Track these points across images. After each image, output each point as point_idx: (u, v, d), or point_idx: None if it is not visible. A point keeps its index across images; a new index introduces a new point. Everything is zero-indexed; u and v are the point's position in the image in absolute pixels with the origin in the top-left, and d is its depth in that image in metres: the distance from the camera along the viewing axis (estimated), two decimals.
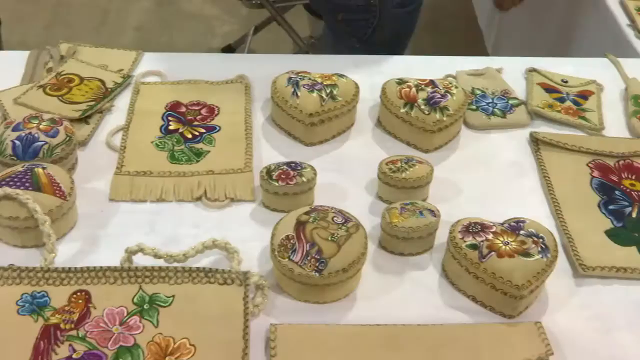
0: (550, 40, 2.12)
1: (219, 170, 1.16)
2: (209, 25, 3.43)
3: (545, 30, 2.17)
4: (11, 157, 1.10)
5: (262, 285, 0.97)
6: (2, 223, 1.02)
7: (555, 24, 2.11)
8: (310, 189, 1.10)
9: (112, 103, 1.31)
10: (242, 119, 1.26)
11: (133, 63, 1.41)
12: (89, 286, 0.96)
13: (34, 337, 0.91)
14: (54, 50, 1.42)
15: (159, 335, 0.91)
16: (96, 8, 3.53)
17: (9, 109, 1.26)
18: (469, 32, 3.00)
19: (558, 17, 2.09)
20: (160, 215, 1.10)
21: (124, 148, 1.20)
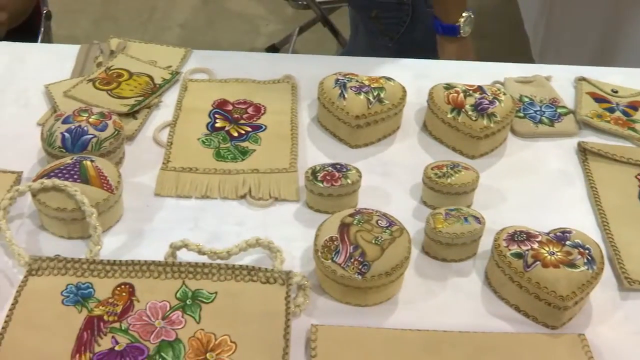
0: (598, 48, 2.10)
1: (263, 169, 1.16)
2: (253, 24, 3.44)
3: (593, 37, 2.14)
4: (60, 149, 1.11)
5: (304, 285, 0.97)
6: (49, 214, 1.04)
7: (603, 31, 2.09)
8: (354, 191, 1.10)
9: (160, 99, 1.32)
10: (288, 118, 1.27)
11: (181, 60, 1.42)
12: (133, 279, 0.97)
13: (78, 328, 0.92)
14: (104, 45, 1.44)
15: (200, 330, 0.92)
16: (144, 4, 3.56)
17: (59, 101, 1.28)
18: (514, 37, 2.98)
19: (606, 25, 2.06)
20: (204, 212, 1.11)
21: (170, 144, 1.21)
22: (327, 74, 1.28)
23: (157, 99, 1.31)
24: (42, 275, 0.98)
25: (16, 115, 1.28)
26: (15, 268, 1.02)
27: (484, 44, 3.11)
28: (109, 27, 3.40)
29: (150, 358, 0.89)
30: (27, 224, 1.08)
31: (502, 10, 3.32)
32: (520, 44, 2.82)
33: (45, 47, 1.52)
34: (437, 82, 1.28)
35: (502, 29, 3.22)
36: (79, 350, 0.90)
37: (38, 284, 0.97)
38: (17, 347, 0.90)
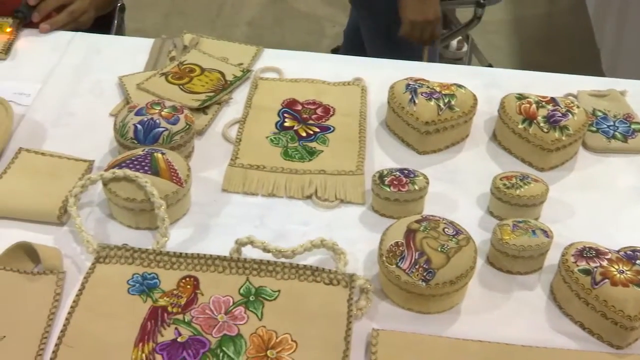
0: None
1: (330, 171, 1.16)
2: (320, 25, 3.45)
3: None
4: (132, 140, 1.13)
5: (367, 289, 0.97)
6: (119, 203, 1.05)
7: None
8: (421, 197, 1.09)
9: (230, 96, 1.33)
10: (356, 121, 1.27)
11: (253, 58, 1.43)
12: (197, 273, 0.98)
13: (142, 317, 0.93)
14: (178, 40, 1.46)
15: (262, 327, 0.93)
16: (213, 1, 3.60)
17: (132, 93, 1.30)
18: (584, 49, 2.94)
19: None
20: (270, 210, 1.12)
21: (239, 141, 1.22)
22: (396, 78, 1.28)
23: (228, 95, 1.32)
24: (110, 263, 1.00)
25: (90, 104, 1.31)
26: (83, 255, 1.04)
27: (553, 55, 3.07)
28: (178, 22, 3.45)
29: (212, 352, 0.90)
30: (96, 212, 1.10)
31: (572, 22, 3.28)
32: (590, 56, 2.78)
33: (120, 39, 1.54)
34: (508, 92, 1.26)
35: (572, 40, 3.18)
36: (142, 339, 0.91)
37: (105, 271, 0.99)
38: (81, 333, 0.92)
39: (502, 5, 2.54)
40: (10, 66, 1.40)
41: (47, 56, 1.43)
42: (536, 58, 3.06)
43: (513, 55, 3.16)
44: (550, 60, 3.01)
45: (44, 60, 1.42)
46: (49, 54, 1.43)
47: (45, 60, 1.42)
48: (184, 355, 0.89)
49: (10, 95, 1.29)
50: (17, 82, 1.35)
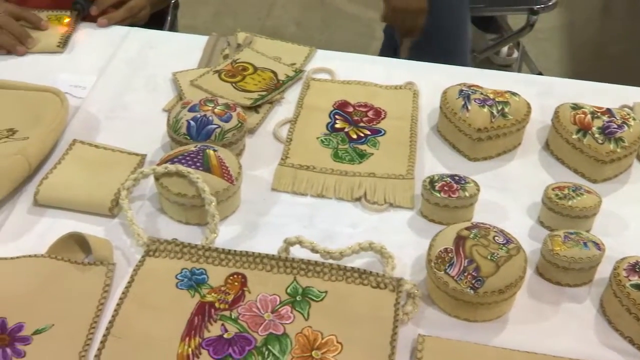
0: None
1: (380, 174, 1.16)
2: (368, 27, 3.45)
3: None
4: (185, 136, 1.14)
5: (414, 294, 0.96)
6: (170, 198, 1.06)
7: None
8: (471, 204, 1.09)
9: (282, 95, 1.33)
10: (407, 125, 1.26)
11: (305, 58, 1.44)
12: (245, 270, 0.99)
13: (189, 312, 0.94)
14: (232, 38, 1.47)
15: (308, 328, 0.93)
16: (263, 0, 3.62)
17: (185, 89, 1.32)
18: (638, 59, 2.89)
19: None
20: (318, 210, 1.12)
21: (290, 140, 1.22)
22: (448, 83, 1.27)
23: (280, 95, 1.33)
24: (159, 257, 1.01)
25: (144, 99, 1.33)
26: (133, 247, 1.05)
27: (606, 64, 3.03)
28: (228, 20, 3.47)
29: (257, 349, 0.90)
30: (147, 206, 1.12)
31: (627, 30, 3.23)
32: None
33: (175, 35, 1.56)
34: (562, 101, 1.25)
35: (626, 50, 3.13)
36: (189, 333, 0.92)
37: (154, 265, 1.00)
38: (129, 324, 0.93)
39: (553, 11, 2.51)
40: (67, 59, 1.43)
41: (103, 50, 1.45)
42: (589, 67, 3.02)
43: (564, 63, 3.12)
44: (603, 69, 2.97)
45: (100, 54, 1.43)
46: (104, 48, 1.45)
47: (101, 54, 1.43)
48: (230, 351, 0.90)
49: (67, 88, 1.31)
50: (73, 75, 1.37)
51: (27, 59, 1.42)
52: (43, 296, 0.96)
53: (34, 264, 1.00)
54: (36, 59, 1.42)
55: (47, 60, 1.42)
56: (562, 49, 3.23)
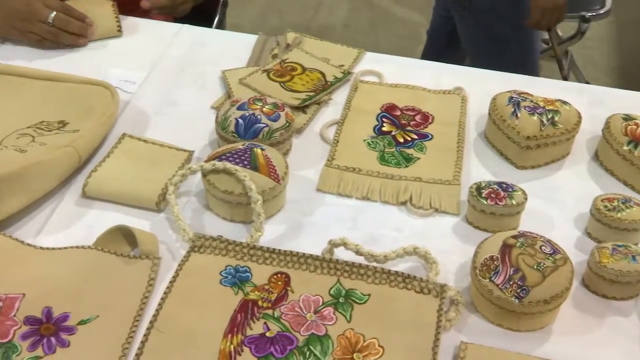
0: None
1: (426, 179, 1.15)
2: (415, 31, 3.44)
3: None
4: (233, 134, 1.15)
5: (457, 300, 0.96)
6: (216, 195, 1.07)
7: None
8: (518, 212, 1.08)
9: (330, 96, 1.34)
10: (455, 130, 1.25)
11: (354, 60, 1.44)
12: (289, 270, 0.99)
13: (233, 309, 0.95)
14: (281, 38, 1.47)
15: (350, 330, 0.92)
16: (310, 1, 3.63)
17: (234, 87, 1.32)
18: None
19: None
20: (363, 213, 1.12)
21: (336, 142, 1.22)
22: (497, 89, 1.26)
23: (328, 96, 1.33)
24: (204, 253, 1.01)
25: (193, 96, 1.34)
26: (178, 242, 1.05)
27: None
28: (274, 20, 3.49)
29: (299, 349, 0.90)
30: (193, 202, 1.12)
31: None
32: None
33: (224, 34, 1.57)
34: (613, 112, 1.23)
35: None
36: (231, 330, 0.92)
37: (199, 261, 1.01)
38: (172, 319, 0.94)
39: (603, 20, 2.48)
40: (118, 53, 1.44)
41: (154, 46, 1.46)
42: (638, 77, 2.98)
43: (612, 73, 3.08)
44: None
45: (151, 49, 1.45)
46: (155, 44, 1.47)
47: (151, 50, 1.45)
48: (272, 350, 0.90)
49: (117, 82, 1.33)
50: (124, 70, 1.38)
51: (78, 54, 1.44)
52: (89, 287, 0.98)
53: (80, 255, 1.02)
54: (87, 54, 1.44)
55: (98, 55, 1.44)
56: (611, 59, 3.19)
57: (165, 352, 0.90)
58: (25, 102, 1.27)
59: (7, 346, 0.90)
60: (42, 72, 1.32)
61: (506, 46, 1.98)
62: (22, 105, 1.26)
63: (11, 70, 1.32)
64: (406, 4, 3.61)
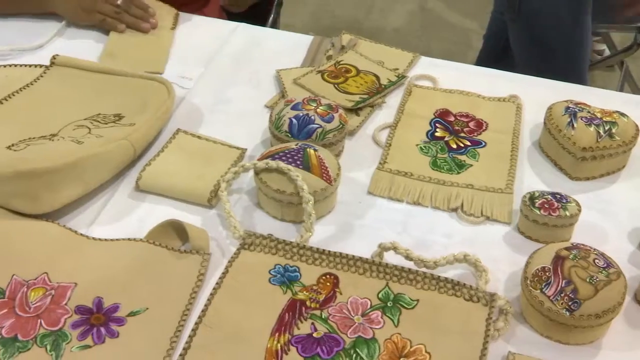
0: None
1: (478, 186, 1.15)
2: (466, 37, 3.42)
3: None
4: (286, 134, 1.15)
5: (506, 310, 0.95)
6: (268, 194, 1.07)
7: None
8: (571, 224, 1.06)
9: (383, 99, 1.33)
10: (509, 139, 1.24)
11: (409, 64, 1.43)
12: (338, 271, 0.99)
13: (281, 308, 0.95)
14: (336, 40, 1.47)
15: (397, 334, 0.92)
16: (362, 3, 3.62)
17: (288, 87, 1.33)
18: None
19: None
20: (414, 218, 1.11)
21: (389, 145, 1.22)
22: (553, 98, 1.25)
23: (381, 99, 1.33)
24: (254, 251, 1.02)
25: (247, 94, 1.35)
26: (228, 239, 1.06)
27: None
28: (326, 21, 3.49)
29: (346, 351, 0.90)
30: (244, 199, 1.13)
31: None
32: None
33: (279, 33, 1.58)
34: None
35: None
36: (279, 329, 0.92)
37: (249, 258, 1.01)
38: (221, 315, 0.94)
39: None
40: (175, 50, 1.46)
41: (210, 43, 1.48)
42: None
43: None
44: None
45: (207, 46, 1.46)
46: (212, 41, 1.48)
47: (208, 47, 1.46)
48: (318, 351, 0.90)
49: (174, 78, 1.35)
50: (181, 66, 1.40)
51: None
52: (139, 280, 0.99)
53: (132, 247, 1.03)
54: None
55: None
56: None
57: (213, 347, 0.91)
58: (82, 94, 1.29)
59: (57, 334, 0.92)
60: (100, 65, 1.34)
61: (554, 53, 1.96)
62: (80, 97, 1.29)
63: (71, 63, 1.34)
64: (459, 9, 3.59)
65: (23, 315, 0.94)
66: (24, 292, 0.96)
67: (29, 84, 1.32)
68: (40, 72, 1.35)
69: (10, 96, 1.29)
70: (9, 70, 1.35)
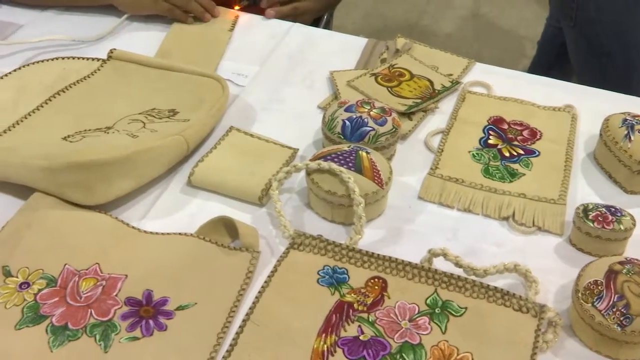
0: None
1: (531, 196, 1.13)
2: (519, 45, 3.39)
3: None
4: (339, 135, 1.15)
5: (556, 322, 0.94)
6: (319, 194, 1.07)
7: None
8: (625, 238, 1.05)
9: (436, 105, 1.33)
10: (563, 149, 1.23)
11: (463, 70, 1.43)
12: (387, 275, 0.99)
13: (328, 309, 0.95)
14: (391, 43, 1.47)
15: (444, 342, 0.92)
16: (414, 7, 3.62)
17: (341, 89, 1.33)
18: None
19: None
20: (464, 225, 1.10)
21: (441, 151, 1.22)
22: (609, 110, 1.23)
23: (435, 104, 1.32)
24: (303, 251, 1.02)
25: (300, 94, 1.35)
26: (278, 238, 1.07)
27: None
28: (377, 23, 3.49)
29: (391, 356, 0.90)
30: (294, 199, 1.13)
31: None
32: None
33: (334, 35, 1.57)
34: None
35: None
36: (326, 330, 0.92)
37: (298, 258, 1.01)
38: (268, 313, 0.95)
39: None
40: (230, 47, 1.47)
41: (266, 42, 1.48)
42: None
43: None
44: None
45: (262, 45, 1.47)
46: (267, 40, 1.49)
47: (263, 45, 1.47)
48: (364, 354, 0.90)
49: (229, 75, 1.36)
50: (236, 63, 1.41)
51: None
52: (188, 274, 0.99)
53: (183, 242, 1.04)
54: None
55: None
56: None
57: (260, 344, 0.91)
58: (138, 89, 1.31)
59: (107, 324, 0.93)
60: (157, 60, 1.36)
61: (610, 61, 1.93)
62: (135, 92, 1.30)
63: (128, 57, 1.36)
64: (513, 17, 3.56)
65: (74, 304, 0.95)
66: (75, 281, 0.98)
67: (86, 76, 1.34)
68: (98, 65, 1.37)
69: (67, 88, 1.31)
70: (67, 63, 1.38)
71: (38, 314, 0.93)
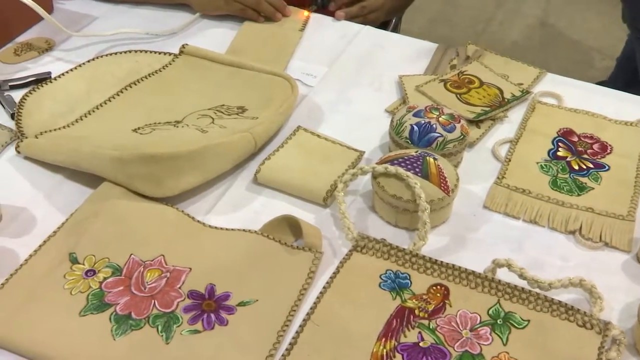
0: None
1: (599, 210, 1.11)
2: (587, 56, 3.33)
3: None
4: (406, 140, 1.15)
5: (620, 340, 0.92)
6: (384, 198, 1.07)
7: None
8: None
9: (505, 114, 1.31)
10: (634, 164, 1.20)
11: (534, 80, 1.41)
12: (449, 283, 0.98)
13: (389, 314, 0.95)
14: (461, 49, 1.46)
15: (505, 353, 0.91)
16: (482, 13, 3.58)
17: (410, 93, 1.33)
18: None
19: None
20: (529, 236, 1.09)
21: (508, 161, 1.20)
22: None
23: (503, 113, 1.31)
24: (366, 254, 1.02)
25: (368, 97, 1.35)
26: (340, 240, 1.07)
27: None
28: (443, 29, 3.47)
29: None
30: (358, 201, 1.13)
31: None
32: None
33: (403, 39, 1.57)
34: None
35: None
36: (386, 334, 0.92)
37: (360, 260, 1.01)
38: (329, 314, 0.95)
39: None
40: (300, 47, 1.48)
41: (335, 43, 1.49)
42: None
43: None
44: None
45: (332, 46, 1.48)
46: (337, 41, 1.50)
47: (332, 46, 1.48)
48: None
49: (298, 75, 1.36)
50: (306, 63, 1.41)
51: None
52: (251, 271, 1.00)
53: (246, 238, 1.05)
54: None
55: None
56: None
57: (319, 345, 0.91)
58: (208, 85, 1.32)
59: (169, 316, 0.94)
60: (227, 57, 1.37)
61: None
62: (205, 87, 1.32)
63: (199, 53, 1.38)
64: (582, 27, 3.50)
65: (138, 294, 0.97)
66: (140, 271, 0.99)
67: (157, 70, 1.37)
68: (169, 59, 1.39)
69: (139, 81, 1.33)
70: (140, 56, 1.40)
71: (103, 302, 0.95)
